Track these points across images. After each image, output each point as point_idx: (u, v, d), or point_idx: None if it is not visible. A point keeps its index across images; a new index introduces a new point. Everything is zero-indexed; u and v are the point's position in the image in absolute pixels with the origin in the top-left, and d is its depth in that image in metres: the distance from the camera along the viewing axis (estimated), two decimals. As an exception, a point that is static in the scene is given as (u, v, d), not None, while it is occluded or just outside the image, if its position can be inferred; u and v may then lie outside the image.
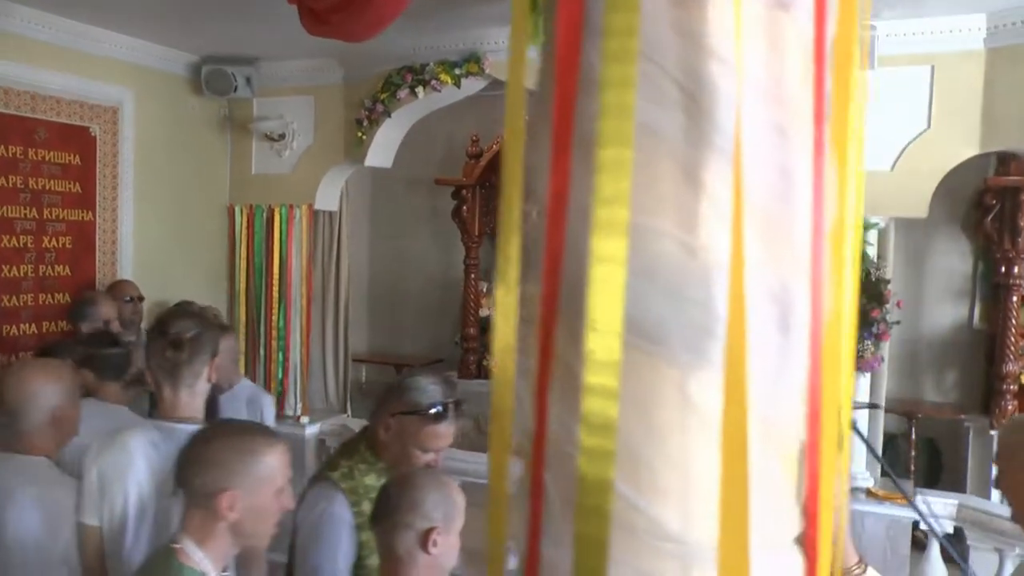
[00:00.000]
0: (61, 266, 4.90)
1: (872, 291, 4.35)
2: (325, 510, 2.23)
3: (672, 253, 0.80)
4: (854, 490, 4.16)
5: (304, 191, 5.66)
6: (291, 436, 5.64)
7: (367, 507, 2.15)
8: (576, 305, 0.77)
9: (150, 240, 5.36)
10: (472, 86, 4.89)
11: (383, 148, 5.41)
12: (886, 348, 4.58)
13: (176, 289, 5.34)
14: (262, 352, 5.79)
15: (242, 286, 5.84)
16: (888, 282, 4.36)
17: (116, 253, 5.19)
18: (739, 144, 0.74)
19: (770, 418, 0.82)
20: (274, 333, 5.74)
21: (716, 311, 0.78)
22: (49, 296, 4.85)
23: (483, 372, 6.39)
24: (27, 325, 4.74)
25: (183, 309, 3.74)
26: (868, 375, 4.37)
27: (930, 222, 6.00)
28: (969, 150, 4.18)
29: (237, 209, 5.85)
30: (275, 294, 5.73)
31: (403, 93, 4.96)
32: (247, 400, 3.87)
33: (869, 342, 4.33)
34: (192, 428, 2.03)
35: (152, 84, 5.32)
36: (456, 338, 6.78)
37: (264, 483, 1.79)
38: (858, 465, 4.26)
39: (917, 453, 5.54)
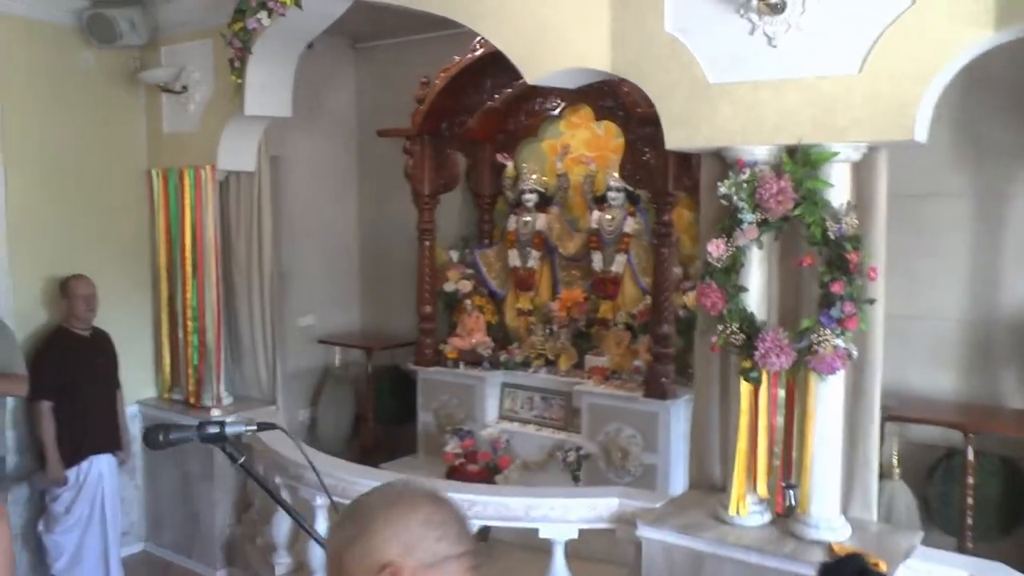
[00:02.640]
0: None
1: (832, 255, 2.91)
2: None
3: None
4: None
5: (210, 150, 4.90)
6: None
7: None
8: None
9: (39, 211, 4.82)
10: (320, 8, 3.91)
11: (265, 93, 4.52)
12: (877, 334, 3.06)
13: (85, 264, 4.79)
14: (180, 334, 5.14)
15: (162, 260, 5.20)
16: (857, 240, 2.88)
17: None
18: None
19: None
20: (189, 312, 5.07)
21: None
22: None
23: (442, 359, 5.34)
24: None
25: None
26: (831, 379, 2.93)
27: (1011, 145, 4.26)
28: (980, 31, 2.62)
29: (154, 173, 5.22)
30: (188, 268, 5.05)
31: (252, 23, 4.07)
32: None
33: (829, 330, 2.89)
34: None
35: (31, 37, 4.75)
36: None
37: None
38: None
39: (977, 481, 3.90)
